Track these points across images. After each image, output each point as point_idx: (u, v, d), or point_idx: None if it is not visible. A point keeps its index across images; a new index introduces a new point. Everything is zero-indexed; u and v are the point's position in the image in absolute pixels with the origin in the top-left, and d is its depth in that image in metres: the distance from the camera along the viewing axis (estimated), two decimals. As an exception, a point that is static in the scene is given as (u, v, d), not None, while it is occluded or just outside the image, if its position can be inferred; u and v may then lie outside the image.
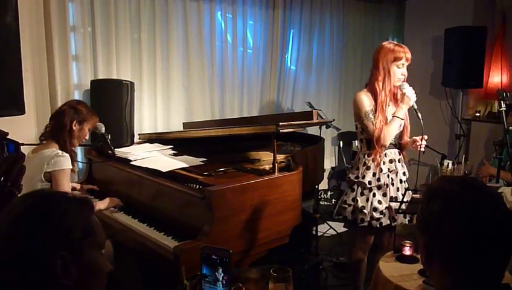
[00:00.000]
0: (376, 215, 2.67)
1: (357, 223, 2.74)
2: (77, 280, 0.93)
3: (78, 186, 2.96)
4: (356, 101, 2.70)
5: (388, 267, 2.20)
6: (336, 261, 3.82)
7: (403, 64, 2.62)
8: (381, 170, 2.66)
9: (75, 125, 2.56)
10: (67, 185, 2.46)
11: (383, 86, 2.63)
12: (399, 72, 2.62)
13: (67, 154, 2.47)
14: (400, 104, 2.64)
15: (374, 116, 2.64)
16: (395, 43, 2.70)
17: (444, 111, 4.98)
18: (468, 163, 2.86)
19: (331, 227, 4.50)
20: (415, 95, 2.62)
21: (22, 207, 0.95)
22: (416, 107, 2.62)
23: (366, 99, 2.67)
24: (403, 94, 2.61)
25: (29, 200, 0.97)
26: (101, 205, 2.66)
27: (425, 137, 2.65)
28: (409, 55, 2.63)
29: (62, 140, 2.53)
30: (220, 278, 1.20)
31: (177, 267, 1.95)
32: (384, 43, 2.70)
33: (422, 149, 2.66)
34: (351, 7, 5.21)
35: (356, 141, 3.31)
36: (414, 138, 2.72)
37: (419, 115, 2.60)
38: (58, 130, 2.54)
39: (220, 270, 1.20)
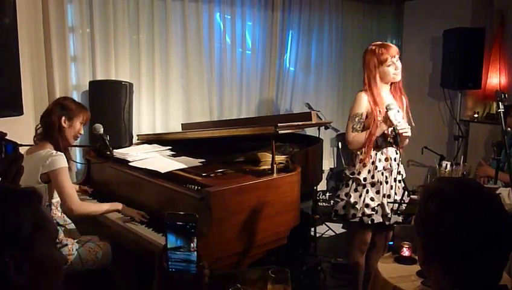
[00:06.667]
0: (367, 211, 2.70)
1: (348, 219, 2.79)
2: (32, 278, 0.87)
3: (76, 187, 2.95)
4: (354, 100, 2.76)
5: (387, 268, 2.21)
6: (334, 262, 3.82)
7: (392, 62, 2.63)
8: (376, 168, 2.69)
9: (64, 122, 2.53)
10: (68, 182, 2.43)
11: (369, 89, 2.68)
12: (391, 70, 2.63)
13: (62, 153, 2.45)
14: (381, 123, 2.64)
15: (359, 122, 2.69)
16: (379, 44, 2.70)
17: (442, 112, 4.99)
18: (466, 164, 2.86)
19: (329, 228, 4.50)
20: (400, 117, 2.61)
21: None
22: (398, 129, 2.60)
23: (362, 101, 2.70)
24: (387, 116, 2.59)
25: None
26: (126, 210, 2.59)
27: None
28: (393, 51, 2.63)
29: (54, 139, 2.50)
30: (192, 246, 1.09)
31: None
32: (369, 47, 2.73)
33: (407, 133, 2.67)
34: (349, 8, 5.21)
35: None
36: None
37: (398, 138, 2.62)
38: (48, 129, 2.52)
39: (188, 237, 1.09)
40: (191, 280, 1.08)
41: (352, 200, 2.73)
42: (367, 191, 2.71)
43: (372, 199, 2.70)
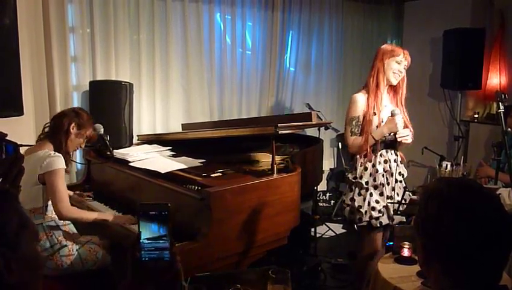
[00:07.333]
0: (375, 214, 2.68)
1: (355, 223, 2.78)
2: (21, 276, 0.86)
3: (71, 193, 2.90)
4: (349, 103, 2.75)
5: (387, 268, 2.21)
6: (334, 262, 3.82)
7: (401, 60, 2.62)
8: (377, 171, 2.68)
9: (73, 128, 2.52)
10: (62, 184, 2.41)
11: (373, 80, 2.65)
12: (395, 67, 2.62)
13: (60, 155, 2.43)
14: (383, 126, 2.65)
15: (357, 125, 2.69)
16: (395, 44, 2.73)
17: (442, 112, 4.99)
18: (466, 164, 2.87)
19: (329, 228, 4.51)
20: (401, 126, 2.62)
21: None
22: (398, 136, 2.62)
23: (359, 103, 2.69)
24: (393, 120, 2.60)
25: None
26: (117, 218, 2.55)
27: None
28: (407, 56, 2.64)
29: (58, 141, 2.49)
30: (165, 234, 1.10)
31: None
32: (383, 45, 2.73)
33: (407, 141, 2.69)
34: (350, 9, 5.22)
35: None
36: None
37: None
38: (56, 130, 2.52)
39: (162, 225, 1.10)
40: (165, 267, 1.09)
41: (356, 204, 2.71)
42: (371, 195, 2.70)
43: (377, 202, 2.69)
